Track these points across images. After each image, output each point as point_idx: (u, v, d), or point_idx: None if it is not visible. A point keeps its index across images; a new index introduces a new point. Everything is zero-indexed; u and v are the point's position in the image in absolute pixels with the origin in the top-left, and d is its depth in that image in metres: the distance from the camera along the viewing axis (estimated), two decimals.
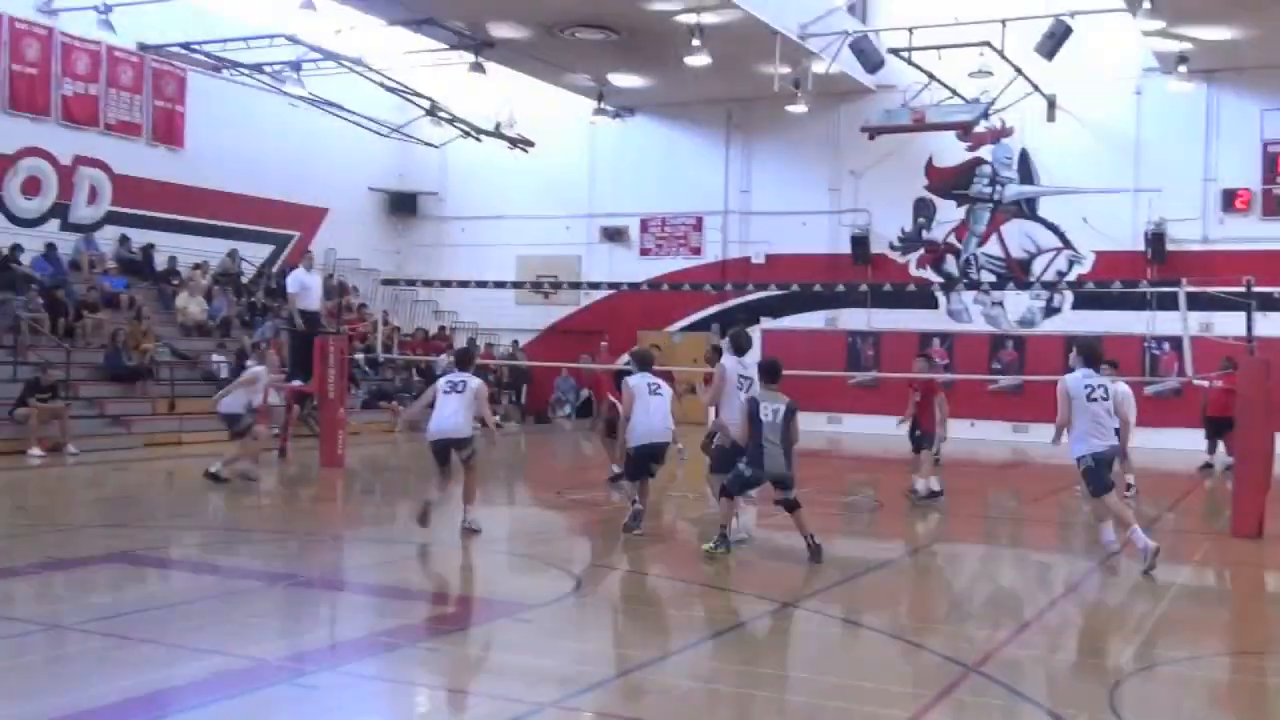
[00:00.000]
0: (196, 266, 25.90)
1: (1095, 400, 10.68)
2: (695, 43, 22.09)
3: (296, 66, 24.36)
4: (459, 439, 12.06)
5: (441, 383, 12.38)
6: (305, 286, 19.20)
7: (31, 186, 23.74)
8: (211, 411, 16.63)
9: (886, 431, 21.02)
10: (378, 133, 27.59)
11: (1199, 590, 10.90)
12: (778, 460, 10.73)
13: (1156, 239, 25.09)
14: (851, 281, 25.93)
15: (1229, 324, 20.61)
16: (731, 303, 28.87)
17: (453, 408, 12.05)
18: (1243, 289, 14.43)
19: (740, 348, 12.10)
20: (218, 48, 24.45)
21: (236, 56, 24.53)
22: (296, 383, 18.60)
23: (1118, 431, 11.14)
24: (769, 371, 11.08)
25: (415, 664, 7.51)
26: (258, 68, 24.61)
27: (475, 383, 12.15)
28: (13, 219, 23.35)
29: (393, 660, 7.58)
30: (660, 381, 12.38)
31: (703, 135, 29.77)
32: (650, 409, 12.05)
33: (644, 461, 12.15)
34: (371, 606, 9.26)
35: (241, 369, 19.09)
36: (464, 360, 12.82)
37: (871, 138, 23.99)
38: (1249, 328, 14.25)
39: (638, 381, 12.19)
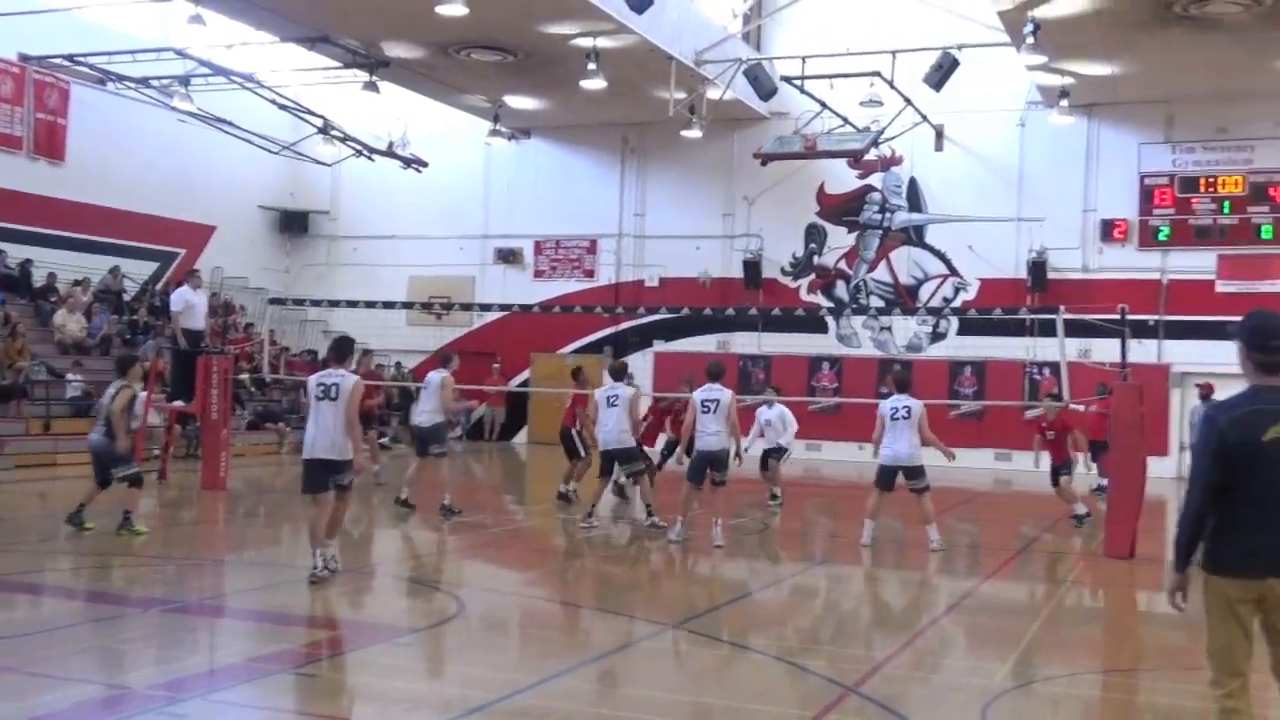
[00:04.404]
0: (77, 283, 25.16)
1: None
2: (591, 66, 22.11)
3: (185, 81, 23.83)
4: (335, 461, 10.15)
5: (312, 385, 10.30)
6: (190, 305, 18.86)
7: None
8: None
9: None
10: (268, 150, 27.11)
11: (1073, 610, 11.15)
12: None
13: (1038, 267, 25.74)
14: (743, 305, 26.15)
15: (1106, 350, 21.27)
16: (624, 325, 28.94)
17: (327, 422, 10.08)
18: (1118, 316, 14.93)
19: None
20: (103, 60, 23.82)
21: (123, 69, 23.93)
22: (178, 403, 18.18)
23: None
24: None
25: (291, 690, 7.34)
26: (144, 81, 24.04)
27: (349, 382, 10.11)
28: None
29: (267, 687, 7.41)
30: (619, 393, 14.03)
31: (598, 158, 29.84)
32: (607, 420, 13.93)
33: (607, 463, 14.32)
34: (248, 632, 9.05)
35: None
36: (340, 353, 10.57)
37: (764, 164, 24.23)
38: (1124, 354, 14.75)
39: (599, 395, 14.19)
